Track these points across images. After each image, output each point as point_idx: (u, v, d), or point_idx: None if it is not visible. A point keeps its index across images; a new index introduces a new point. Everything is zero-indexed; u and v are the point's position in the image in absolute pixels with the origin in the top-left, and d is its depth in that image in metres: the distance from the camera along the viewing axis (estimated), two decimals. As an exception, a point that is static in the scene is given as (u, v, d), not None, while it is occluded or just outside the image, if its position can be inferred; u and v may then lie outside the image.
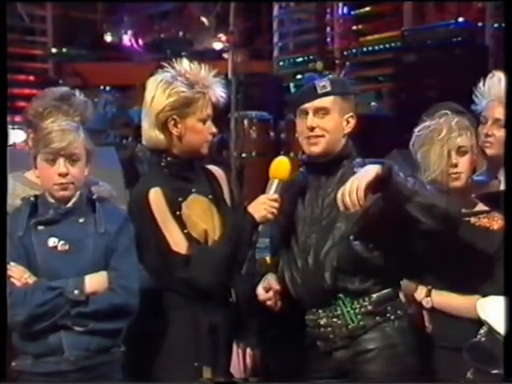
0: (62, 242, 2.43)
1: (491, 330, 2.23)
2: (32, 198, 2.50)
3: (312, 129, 2.53)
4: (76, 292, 2.38)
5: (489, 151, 2.72)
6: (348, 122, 2.57)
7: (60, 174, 2.44)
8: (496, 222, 2.60)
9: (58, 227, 2.46)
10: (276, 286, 2.53)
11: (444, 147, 2.59)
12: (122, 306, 2.42)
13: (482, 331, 2.32)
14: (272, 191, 2.49)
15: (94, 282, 2.42)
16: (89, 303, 2.40)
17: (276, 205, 2.46)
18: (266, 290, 2.53)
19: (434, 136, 2.61)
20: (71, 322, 2.38)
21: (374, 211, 2.43)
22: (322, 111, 2.53)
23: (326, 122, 2.53)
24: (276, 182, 2.49)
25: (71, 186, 2.46)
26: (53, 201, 2.48)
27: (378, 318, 2.50)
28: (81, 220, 2.48)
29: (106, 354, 2.45)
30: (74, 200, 2.48)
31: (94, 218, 2.49)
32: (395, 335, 2.50)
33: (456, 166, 2.60)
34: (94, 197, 2.55)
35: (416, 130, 2.67)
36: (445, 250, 2.56)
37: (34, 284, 2.39)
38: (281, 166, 2.51)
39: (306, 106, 2.55)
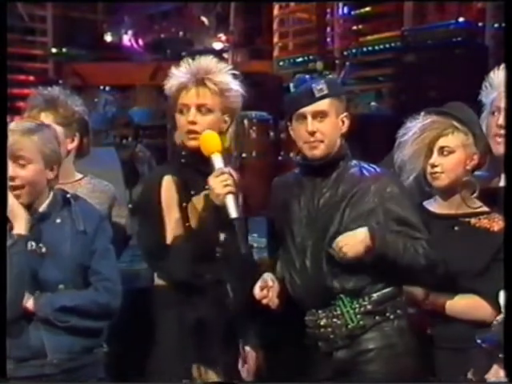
0: (39, 245, 2.41)
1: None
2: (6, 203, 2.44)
3: (313, 133, 2.52)
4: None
5: (500, 146, 2.67)
6: (343, 122, 2.57)
7: (10, 178, 2.38)
8: (496, 223, 2.59)
9: (35, 230, 2.42)
10: (270, 284, 2.52)
11: (414, 145, 2.59)
12: (104, 305, 2.43)
13: (498, 318, 2.37)
14: (220, 165, 2.42)
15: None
16: (71, 297, 2.40)
17: (231, 178, 2.39)
18: (262, 288, 2.52)
19: (407, 138, 2.62)
20: (53, 316, 2.37)
21: None
22: (321, 115, 2.52)
23: (324, 125, 2.52)
24: (217, 155, 2.42)
25: (23, 191, 2.40)
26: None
27: (377, 317, 2.50)
28: (58, 220, 2.46)
29: (89, 355, 2.45)
30: (47, 202, 2.46)
31: (70, 217, 2.48)
32: (394, 335, 2.50)
33: (436, 166, 2.60)
34: (68, 195, 2.52)
35: (398, 134, 2.68)
36: (444, 250, 2.56)
37: None
38: (213, 140, 2.45)
39: (304, 110, 2.53)
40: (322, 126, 2.52)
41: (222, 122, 2.56)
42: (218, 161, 2.41)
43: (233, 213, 2.34)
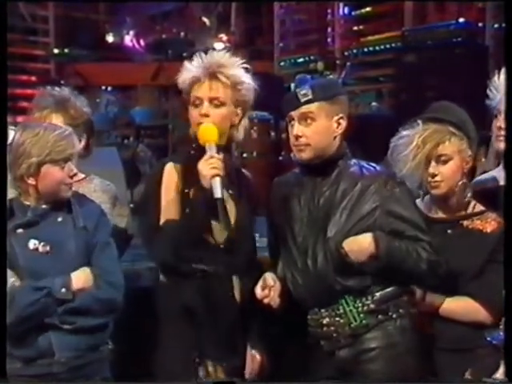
0: (42, 243, 2.43)
1: None
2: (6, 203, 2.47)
3: (297, 137, 2.54)
4: (63, 290, 2.38)
5: (501, 145, 2.67)
6: (339, 123, 2.56)
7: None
8: (490, 224, 2.58)
9: (38, 229, 2.46)
10: (272, 283, 2.52)
11: (416, 158, 2.57)
12: (108, 301, 2.45)
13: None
14: (212, 153, 2.47)
15: (80, 279, 2.43)
16: (75, 299, 2.41)
17: (221, 163, 2.45)
18: (263, 288, 2.53)
19: (404, 148, 2.59)
20: (59, 320, 2.39)
21: None
22: (308, 118, 2.53)
23: (311, 129, 2.52)
24: (212, 145, 2.48)
25: None
26: (28, 203, 2.48)
27: (380, 316, 2.50)
28: (59, 219, 2.49)
29: (95, 353, 2.48)
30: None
31: (71, 215, 2.51)
32: (397, 334, 2.50)
33: (435, 175, 2.58)
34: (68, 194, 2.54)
35: (392, 140, 2.66)
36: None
37: (20, 286, 2.37)
38: (211, 131, 2.50)
39: (292, 113, 2.56)
40: (307, 131, 2.53)
41: (235, 115, 2.59)
42: (210, 149, 2.47)
43: (217, 193, 2.41)
